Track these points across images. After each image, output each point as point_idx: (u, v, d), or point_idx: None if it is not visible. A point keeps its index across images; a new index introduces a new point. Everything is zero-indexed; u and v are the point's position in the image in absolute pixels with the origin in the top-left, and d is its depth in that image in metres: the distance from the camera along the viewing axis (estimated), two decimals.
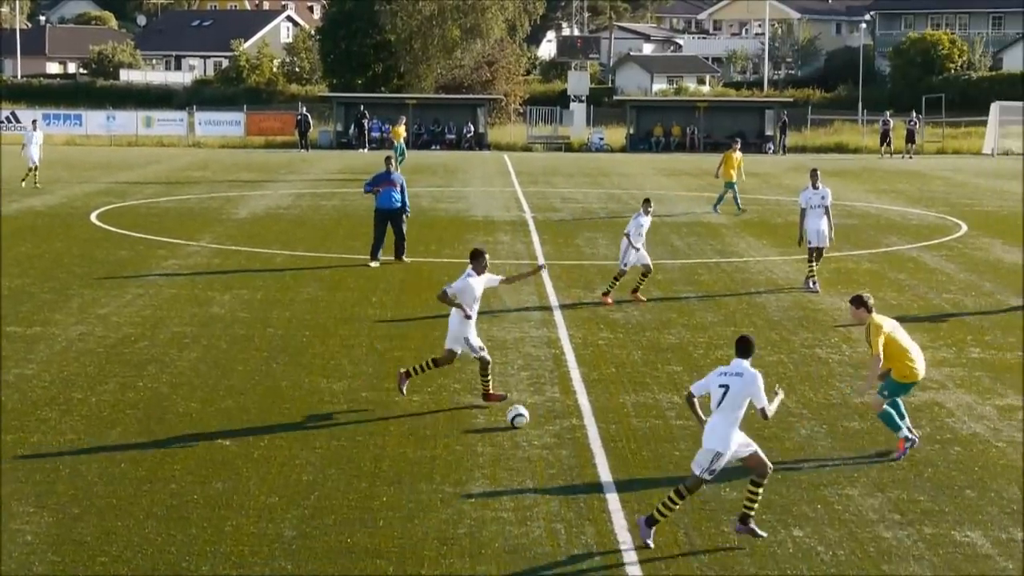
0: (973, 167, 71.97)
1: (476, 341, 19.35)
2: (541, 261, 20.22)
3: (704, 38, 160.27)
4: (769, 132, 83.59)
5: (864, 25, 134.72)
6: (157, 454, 16.76)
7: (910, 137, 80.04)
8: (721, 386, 13.91)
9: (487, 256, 19.64)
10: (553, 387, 20.50)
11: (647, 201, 28.73)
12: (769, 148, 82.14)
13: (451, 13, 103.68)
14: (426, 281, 30.13)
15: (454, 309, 19.27)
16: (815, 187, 29.85)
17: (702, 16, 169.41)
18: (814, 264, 29.67)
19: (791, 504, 15.23)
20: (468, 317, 19.15)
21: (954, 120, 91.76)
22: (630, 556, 13.64)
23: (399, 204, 32.77)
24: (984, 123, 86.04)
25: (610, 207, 47.51)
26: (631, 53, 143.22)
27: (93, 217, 41.77)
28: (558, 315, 26.38)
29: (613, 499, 15.32)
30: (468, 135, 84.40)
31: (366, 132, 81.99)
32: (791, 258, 34.13)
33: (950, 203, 49.97)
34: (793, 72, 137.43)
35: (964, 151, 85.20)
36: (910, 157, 78.73)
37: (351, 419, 18.57)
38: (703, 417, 14.20)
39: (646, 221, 28.13)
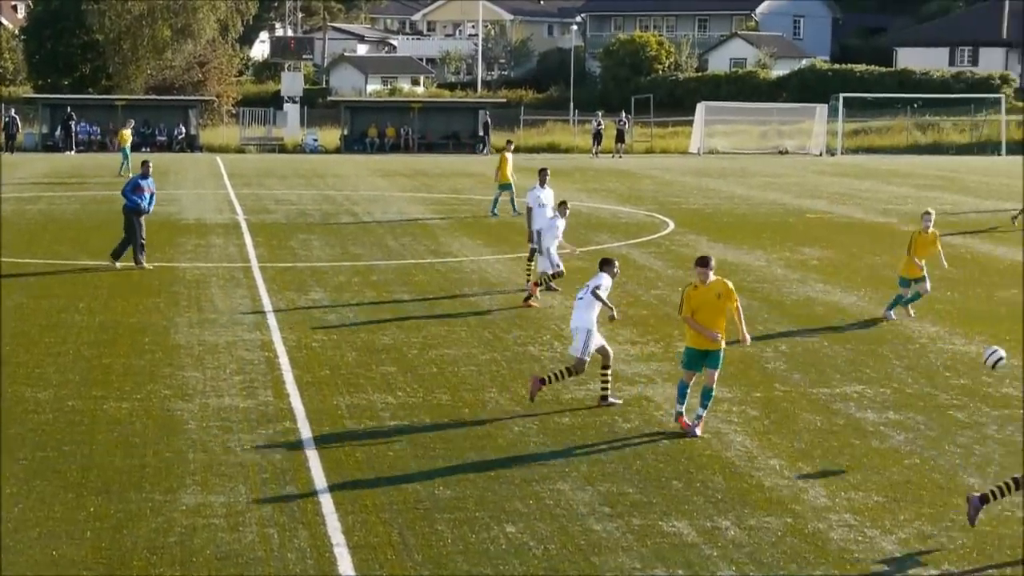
0: (680, 166, 73.83)
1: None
2: (614, 313, 20.28)
3: (418, 39, 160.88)
4: (482, 133, 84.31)
5: (575, 27, 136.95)
6: None
7: (620, 137, 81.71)
8: None
9: (616, 263, 20.19)
10: (266, 390, 20.31)
11: (563, 203, 28.08)
12: (482, 148, 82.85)
13: (161, 13, 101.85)
14: (135, 286, 29.58)
15: (594, 313, 19.55)
16: (543, 186, 30.20)
17: (416, 17, 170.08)
18: (535, 264, 29.93)
19: (503, 500, 15.37)
20: (613, 318, 20.33)
21: (662, 120, 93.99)
22: (344, 558, 13.58)
23: (147, 207, 32.23)
24: (690, 123, 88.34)
25: (324, 208, 47.30)
26: (345, 54, 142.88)
27: None
28: (271, 318, 26.13)
29: (327, 501, 15.25)
30: (179, 137, 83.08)
31: (73, 134, 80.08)
32: (504, 257, 34.51)
33: (659, 201, 51.13)
34: (506, 73, 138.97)
35: (672, 150, 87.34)
36: (620, 156, 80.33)
37: (57, 429, 18.06)
38: None
39: (562, 223, 27.80)
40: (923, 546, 14.15)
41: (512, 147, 47.42)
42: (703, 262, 18.20)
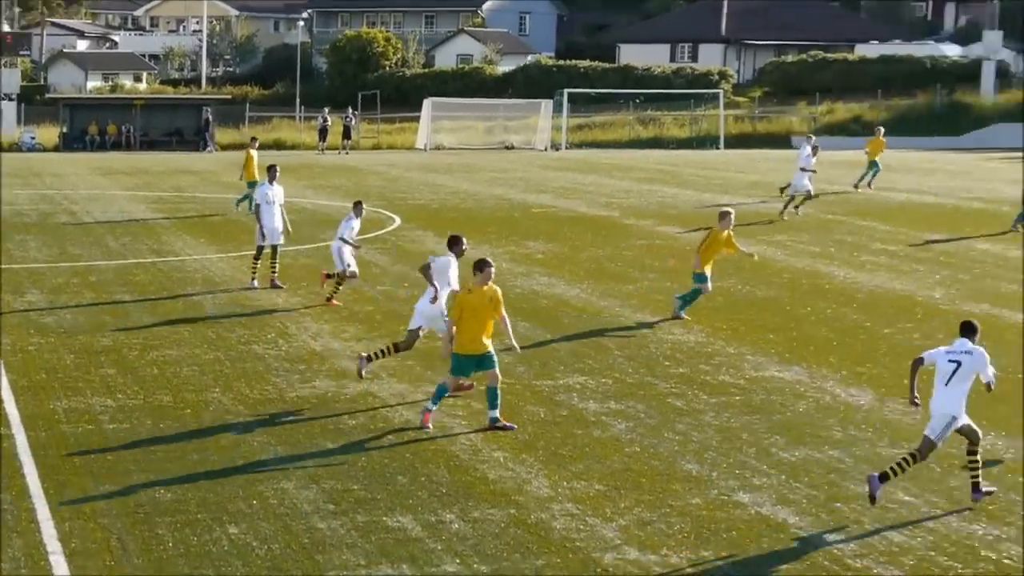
0: (407, 162, 73.89)
1: None
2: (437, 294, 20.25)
3: (141, 35, 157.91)
4: (205, 130, 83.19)
5: (302, 23, 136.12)
6: None
7: (346, 133, 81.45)
8: (952, 361, 15.27)
9: (464, 241, 20.18)
10: None
11: (358, 203, 27.91)
12: (204, 146, 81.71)
13: None
14: None
15: (427, 293, 20.13)
16: (272, 183, 30.01)
17: (139, 12, 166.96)
18: (274, 262, 29.58)
19: (226, 501, 15.17)
20: (435, 300, 20.11)
21: (389, 116, 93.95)
22: (60, 565, 13.25)
23: None
24: (417, 119, 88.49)
25: (42, 208, 46.05)
26: (65, 50, 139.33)
27: None
28: None
29: (43, 508, 14.86)
30: None
31: None
32: (228, 255, 34.11)
33: (385, 197, 51.07)
34: (232, 69, 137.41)
35: (399, 146, 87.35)
36: (346, 153, 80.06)
37: None
38: (915, 383, 15.67)
39: (357, 224, 27.57)
40: (643, 532, 14.42)
41: (257, 144, 46.77)
42: (488, 264, 18.18)
